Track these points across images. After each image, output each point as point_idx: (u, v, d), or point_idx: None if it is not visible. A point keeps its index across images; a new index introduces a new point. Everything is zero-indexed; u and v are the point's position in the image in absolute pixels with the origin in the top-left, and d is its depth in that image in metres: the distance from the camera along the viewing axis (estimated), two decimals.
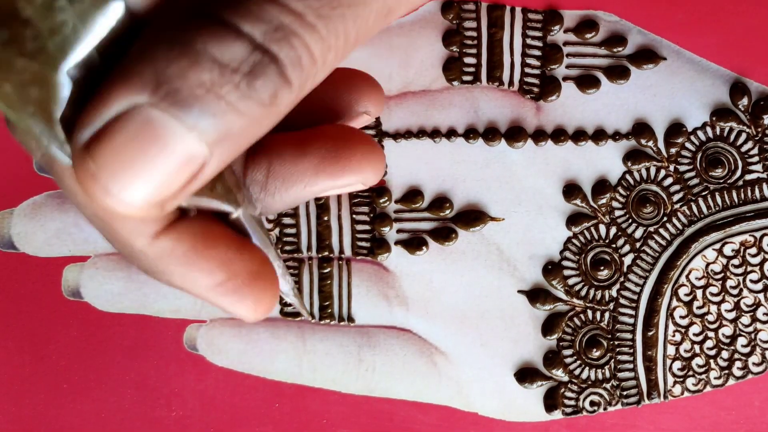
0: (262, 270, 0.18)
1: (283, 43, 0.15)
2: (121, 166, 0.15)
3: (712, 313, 0.30)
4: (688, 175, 0.31)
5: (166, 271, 0.18)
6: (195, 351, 0.31)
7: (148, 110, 0.15)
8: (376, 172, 0.21)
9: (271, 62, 0.15)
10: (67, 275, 0.31)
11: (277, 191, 0.20)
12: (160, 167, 0.15)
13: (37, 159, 0.17)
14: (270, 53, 0.15)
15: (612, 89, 0.31)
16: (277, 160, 0.20)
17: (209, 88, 0.15)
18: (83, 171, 0.15)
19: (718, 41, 0.31)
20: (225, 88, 0.15)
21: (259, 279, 0.18)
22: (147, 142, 0.15)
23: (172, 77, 0.15)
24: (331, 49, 0.16)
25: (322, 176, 0.20)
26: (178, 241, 0.17)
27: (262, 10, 0.15)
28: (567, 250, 0.31)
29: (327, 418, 0.31)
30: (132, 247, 0.17)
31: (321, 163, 0.20)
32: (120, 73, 0.15)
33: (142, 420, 0.31)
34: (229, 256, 0.18)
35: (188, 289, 0.18)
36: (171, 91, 0.15)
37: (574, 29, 0.31)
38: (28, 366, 0.31)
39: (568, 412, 0.30)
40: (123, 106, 0.15)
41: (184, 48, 0.15)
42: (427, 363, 0.31)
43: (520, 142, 0.31)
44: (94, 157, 0.15)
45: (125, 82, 0.15)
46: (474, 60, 0.31)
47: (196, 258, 0.17)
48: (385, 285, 0.31)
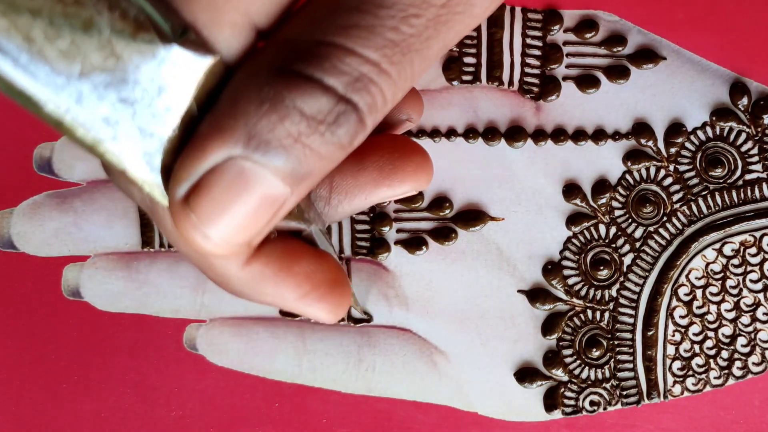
0: (338, 277, 0.20)
1: (363, 92, 0.16)
2: (219, 214, 0.16)
3: (711, 313, 0.30)
4: (687, 175, 0.31)
5: (261, 291, 0.19)
6: (195, 351, 0.31)
7: (241, 162, 0.16)
8: (428, 179, 0.23)
9: (353, 110, 0.16)
10: (67, 275, 0.31)
11: (340, 204, 0.22)
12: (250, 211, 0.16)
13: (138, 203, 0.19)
14: (351, 102, 0.16)
15: (612, 89, 0.31)
16: (338, 176, 0.21)
17: (296, 138, 0.16)
18: (183, 222, 0.16)
19: (718, 41, 0.31)
20: (311, 138, 0.16)
21: (338, 285, 0.20)
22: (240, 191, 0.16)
23: (263, 131, 0.16)
24: (400, 89, 0.17)
25: (381, 187, 0.22)
26: (267, 264, 0.19)
27: (343, 63, 0.16)
28: (567, 250, 0.31)
29: (327, 418, 0.31)
30: (227, 276, 0.19)
31: (380, 174, 0.22)
32: (213, 127, 0.16)
33: (141, 420, 0.31)
34: (311, 268, 0.19)
35: (278, 304, 0.20)
36: (262, 143, 0.16)
37: (573, 29, 0.31)
38: (27, 366, 0.31)
39: (567, 412, 0.30)
40: (218, 159, 0.16)
41: (274, 104, 0.16)
42: (427, 363, 0.31)
43: (520, 142, 0.31)
44: (194, 208, 0.16)
45: (220, 137, 0.16)
46: (474, 60, 0.31)
47: (285, 275, 0.19)
48: (384, 285, 0.31)
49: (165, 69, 0.16)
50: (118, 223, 0.31)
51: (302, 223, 0.20)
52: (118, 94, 0.15)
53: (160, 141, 0.16)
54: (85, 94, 0.15)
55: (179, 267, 0.31)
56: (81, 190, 0.31)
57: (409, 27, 0.17)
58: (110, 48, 0.15)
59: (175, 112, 0.16)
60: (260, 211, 0.17)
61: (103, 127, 0.15)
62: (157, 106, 0.16)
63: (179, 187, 0.16)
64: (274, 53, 0.17)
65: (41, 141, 0.31)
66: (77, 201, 0.31)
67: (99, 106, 0.15)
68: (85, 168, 0.31)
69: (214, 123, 0.16)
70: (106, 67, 0.15)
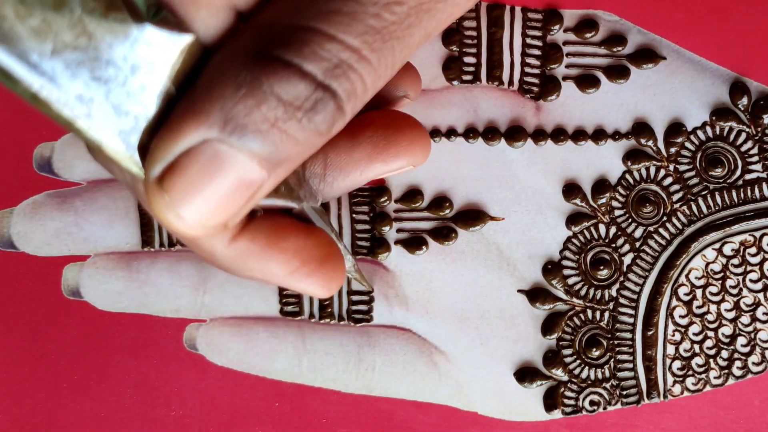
0: (331, 252, 0.20)
1: (342, 78, 0.16)
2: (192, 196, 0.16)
3: (711, 313, 0.30)
4: (687, 175, 0.31)
5: (247, 267, 0.19)
6: (195, 350, 0.31)
7: (216, 145, 0.16)
8: (425, 154, 0.22)
9: (331, 97, 0.16)
10: (67, 275, 0.31)
11: (335, 180, 0.21)
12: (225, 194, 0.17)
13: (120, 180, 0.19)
14: (330, 89, 0.16)
15: (612, 89, 0.31)
16: (332, 153, 0.21)
17: (273, 123, 0.16)
18: (157, 201, 0.17)
19: (718, 41, 0.31)
20: (287, 123, 0.16)
21: (329, 261, 0.20)
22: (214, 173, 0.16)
23: (239, 115, 0.16)
24: (381, 77, 0.17)
25: (376, 162, 0.22)
26: (253, 240, 0.19)
27: (322, 48, 0.16)
28: (567, 250, 0.31)
29: (327, 418, 0.31)
30: (213, 253, 0.19)
31: (374, 150, 0.22)
32: (190, 109, 0.16)
33: (141, 419, 0.31)
34: (300, 244, 0.20)
35: (268, 280, 0.20)
36: (238, 127, 0.16)
37: (573, 29, 0.31)
38: (27, 365, 0.31)
39: (567, 412, 0.30)
40: (194, 140, 0.16)
41: (251, 88, 0.16)
42: (427, 362, 0.31)
43: (520, 142, 0.31)
44: (168, 188, 0.16)
45: (196, 119, 0.16)
46: (474, 59, 0.31)
47: (272, 251, 0.19)
48: (384, 285, 0.31)
49: (138, 48, 0.16)
50: (118, 223, 0.31)
51: (292, 201, 0.20)
52: (91, 72, 0.15)
53: (135, 119, 0.16)
54: (58, 72, 0.15)
55: (179, 267, 0.31)
56: (81, 189, 0.31)
57: (390, 14, 0.17)
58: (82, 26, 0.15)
59: (151, 92, 0.16)
60: (235, 194, 0.17)
61: (78, 105, 0.16)
62: (132, 85, 0.16)
63: (154, 166, 0.16)
64: (254, 37, 0.16)
65: (41, 141, 0.31)
66: (77, 201, 0.31)
67: (72, 84, 0.15)
68: (86, 167, 0.31)
69: (191, 105, 0.16)
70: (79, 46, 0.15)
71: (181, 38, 0.16)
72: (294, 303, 0.31)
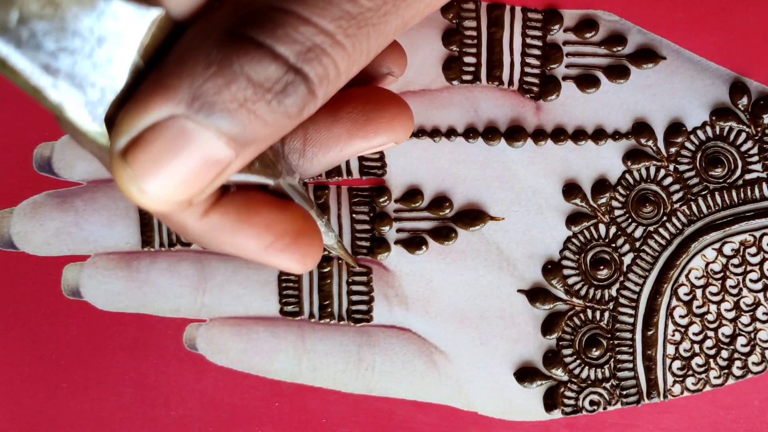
0: (306, 227, 0.20)
1: (314, 62, 0.16)
2: (156, 171, 0.16)
3: (711, 313, 0.30)
4: (687, 175, 0.31)
5: (218, 241, 0.19)
6: (194, 350, 0.31)
7: (183, 121, 0.16)
8: (406, 130, 0.22)
9: (303, 81, 0.16)
10: (67, 274, 0.31)
11: (315, 157, 0.21)
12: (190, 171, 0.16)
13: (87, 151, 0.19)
14: (302, 72, 0.16)
15: (612, 89, 0.31)
16: (312, 128, 0.21)
17: (242, 103, 0.16)
18: (120, 174, 0.16)
19: (718, 41, 0.31)
20: (257, 105, 0.16)
21: (304, 235, 0.20)
22: (179, 149, 0.16)
23: (207, 93, 0.16)
24: (355, 63, 0.17)
25: (356, 139, 0.21)
26: (224, 214, 0.19)
27: (296, 31, 0.16)
28: (567, 250, 0.31)
29: (327, 418, 0.31)
30: (184, 226, 0.19)
31: (354, 126, 0.21)
32: (158, 84, 0.16)
33: (141, 419, 0.31)
34: (272, 219, 0.19)
35: (242, 254, 0.20)
36: (205, 105, 0.16)
37: (573, 29, 0.31)
38: (27, 365, 0.31)
39: (567, 412, 0.30)
40: (160, 115, 0.16)
41: (221, 67, 0.16)
42: (427, 362, 0.31)
43: (520, 142, 0.31)
44: (131, 162, 0.16)
45: (164, 94, 0.16)
46: (474, 59, 0.31)
47: (243, 226, 0.19)
48: (384, 284, 0.31)
49: (105, 20, 0.16)
50: (118, 223, 0.31)
51: (268, 177, 0.20)
52: (58, 43, 0.15)
53: (101, 91, 0.16)
54: (24, 41, 0.15)
55: (179, 266, 0.31)
56: (81, 189, 0.31)
57: (367, 0, 0.17)
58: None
59: (118, 64, 0.16)
60: (200, 172, 0.17)
61: (43, 75, 0.16)
62: (98, 57, 0.16)
63: (119, 139, 0.16)
64: (227, 15, 0.16)
65: (41, 141, 0.31)
66: (78, 200, 0.31)
67: (38, 54, 0.15)
68: (86, 167, 0.31)
69: (159, 79, 0.16)
70: (44, 15, 0.15)
71: (149, 12, 0.16)
72: (294, 303, 0.31)
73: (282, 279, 0.31)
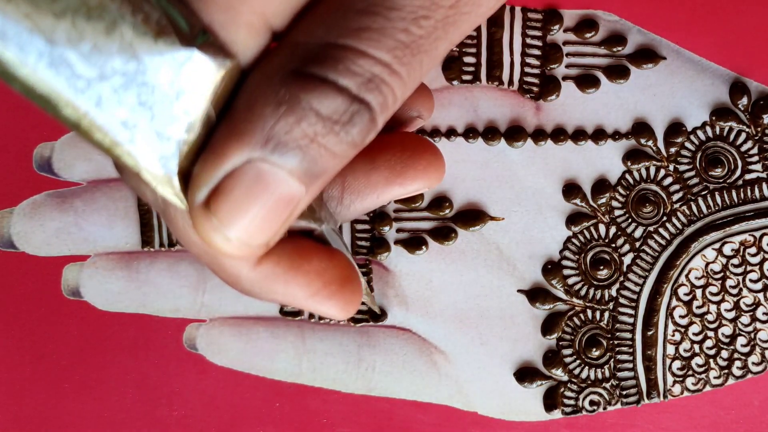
0: (349, 274, 0.20)
1: (375, 92, 0.17)
2: (239, 217, 0.17)
3: (711, 313, 0.30)
4: (687, 175, 0.31)
5: (270, 290, 0.19)
6: (195, 350, 0.31)
7: (259, 164, 0.16)
8: (440, 176, 0.23)
9: (366, 110, 0.17)
10: (67, 274, 0.31)
11: (352, 204, 0.22)
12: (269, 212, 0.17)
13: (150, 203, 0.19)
14: (365, 102, 0.17)
15: (612, 89, 0.31)
16: (350, 176, 0.22)
17: (312, 138, 0.16)
18: (204, 225, 0.17)
19: (718, 41, 0.31)
20: (326, 138, 0.16)
21: (349, 282, 0.20)
22: (259, 192, 0.17)
23: (280, 133, 0.16)
24: (409, 89, 0.18)
25: (393, 186, 0.22)
26: (278, 263, 0.19)
27: (356, 64, 0.16)
28: (566, 250, 0.31)
29: (327, 418, 0.31)
30: (238, 276, 0.19)
31: (392, 173, 0.22)
32: (231, 131, 0.16)
33: (142, 419, 0.31)
34: (321, 266, 0.20)
35: (289, 302, 0.20)
36: (279, 145, 0.16)
37: (573, 29, 0.31)
38: (28, 366, 0.31)
39: (567, 412, 0.30)
40: (237, 162, 0.16)
41: (291, 106, 0.16)
42: (427, 362, 0.31)
43: (520, 142, 0.31)
44: (215, 211, 0.17)
45: (239, 140, 0.16)
46: (473, 59, 0.31)
47: (295, 274, 0.19)
48: (384, 285, 0.31)
49: (184, 73, 0.16)
50: (118, 223, 0.31)
51: (314, 222, 0.20)
52: (138, 97, 0.15)
53: (176, 144, 0.16)
54: (104, 98, 0.15)
55: (179, 266, 0.31)
56: (81, 189, 0.31)
57: (418, 29, 0.17)
58: (131, 51, 0.15)
59: (193, 116, 0.16)
60: (277, 212, 0.17)
61: (121, 130, 0.15)
62: (175, 110, 0.16)
63: (200, 191, 0.17)
64: (288, 55, 0.17)
65: (41, 141, 0.31)
66: (77, 201, 0.31)
67: (118, 109, 0.15)
68: (86, 167, 0.31)
69: (232, 126, 0.16)
70: (127, 71, 0.15)
71: (224, 62, 0.16)
72: None
73: None
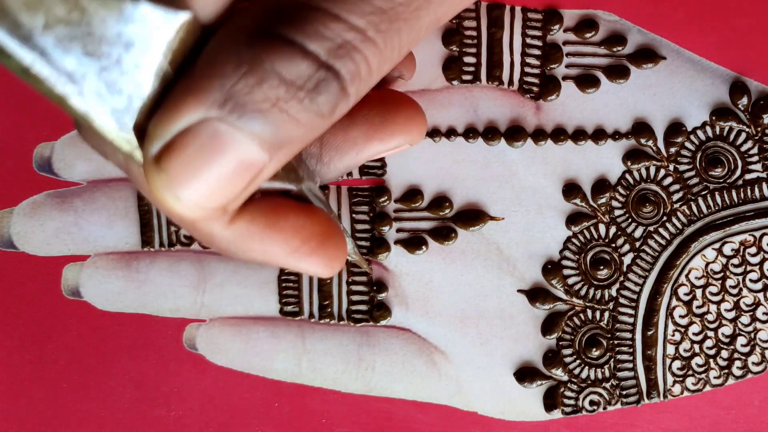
0: (331, 231, 0.20)
1: (345, 59, 0.16)
2: (190, 176, 0.16)
3: (711, 313, 0.30)
4: (687, 175, 0.31)
5: (246, 248, 0.19)
6: (194, 350, 0.31)
7: (216, 124, 0.16)
8: (421, 131, 0.22)
9: (334, 78, 0.16)
10: (67, 274, 0.31)
11: (332, 161, 0.21)
12: (225, 175, 0.16)
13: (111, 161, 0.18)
14: (333, 69, 0.16)
15: (612, 89, 0.31)
16: (328, 132, 0.21)
17: (274, 102, 0.16)
18: (155, 181, 0.16)
19: (718, 41, 0.31)
20: (289, 104, 0.16)
21: (330, 239, 0.20)
22: (214, 153, 0.16)
23: (239, 93, 0.15)
24: (387, 60, 0.17)
25: (372, 141, 0.21)
26: (252, 221, 0.18)
27: (327, 28, 0.16)
28: (567, 250, 0.31)
29: (327, 418, 0.31)
30: (212, 236, 0.18)
31: (370, 128, 0.21)
32: (189, 87, 0.16)
33: (141, 419, 0.31)
34: (299, 223, 0.19)
35: (270, 261, 0.19)
36: (238, 106, 0.15)
37: (573, 29, 0.31)
38: (27, 365, 0.31)
39: (567, 412, 0.30)
40: (192, 119, 0.16)
41: (253, 67, 0.15)
42: (427, 362, 0.31)
43: (520, 142, 0.31)
44: (165, 168, 0.16)
45: (195, 97, 0.16)
46: (474, 59, 0.31)
47: (270, 232, 0.19)
48: (384, 284, 0.31)
49: (133, 25, 0.15)
50: (118, 223, 0.31)
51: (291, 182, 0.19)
52: (84, 48, 0.15)
53: (129, 99, 0.16)
54: (49, 47, 0.15)
55: (179, 266, 0.31)
56: (81, 189, 0.31)
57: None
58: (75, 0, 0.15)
59: (145, 70, 0.16)
60: (235, 177, 0.16)
61: (69, 81, 0.15)
62: (126, 63, 0.16)
63: (152, 145, 0.16)
64: (255, 15, 0.16)
65: (41, 141, 0.31)
66: (77, 200, 0.31)
67: (64, 60, 0.15)
68: (86, 167, 0.31)
69: (190, 83, 0.16)
70: (71, 20, 0.15)
71: (177, 16, 0.16)
72: (294, 303, 0.31)
73: (282, 279, 0.31)
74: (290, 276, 0.31)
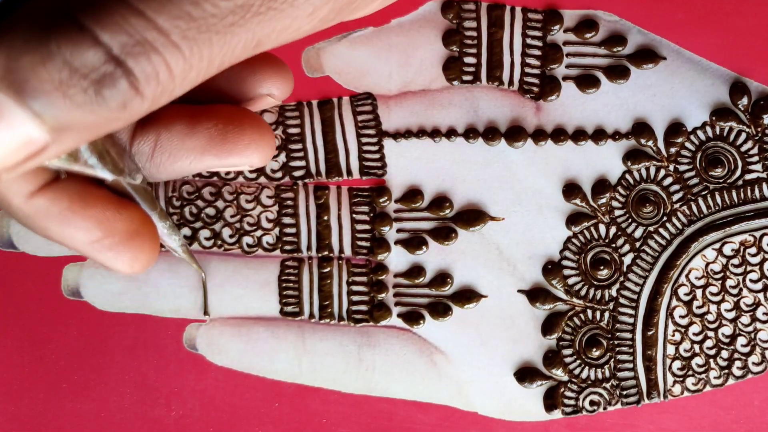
0: (141, 229, 0.20)
1: (141, 57, 0.15)
2: None
3: (711, 313, 0.30)
4: (687, 175, 0.31)
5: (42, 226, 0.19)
6: (195, 350, 0.31)
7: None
8: (262, 157, 0.21)
9: (124, 75, 0.15)
10: (67, 274, 0.31)
11: (162, 164, 0.21)
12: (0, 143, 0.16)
13: None
14: (124, 66, 0.15)
15: (612, 89, 0.31)
16: (165, 135, 0.20)
17: (57, 86, 0.15)
18: None
19: (718, 41, 0.31)
20: (72, 90, 0.15)
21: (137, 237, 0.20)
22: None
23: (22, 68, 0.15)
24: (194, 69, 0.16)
25: (208, 156, 0.21)
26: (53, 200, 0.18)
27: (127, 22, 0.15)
28: (567, 250, 0.31)
29: (327, 418, 0.31)
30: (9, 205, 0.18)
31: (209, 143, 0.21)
32: None
33: (141, 420, 0.31)
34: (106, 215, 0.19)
35: (67, 245, 0.19)
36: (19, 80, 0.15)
37: (573, 29, 0.31)
38: (27, 365, 0.31)
39: (567, 412, 0.30)
40: None
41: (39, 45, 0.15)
42: (427, 362, 0.31)
43: (520, 142, 0.31)
44: None
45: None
46: (474, 59, 0.31)
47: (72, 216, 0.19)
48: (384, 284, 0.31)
49: None
50: None
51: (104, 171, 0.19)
52: None
53: None
54: None
55: (179, 266, 0.31)
56: None
57: (212, 6, 0.16)
58: None
59: None
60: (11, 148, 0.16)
61: None
62: None
63: None
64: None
65: None
66: None
67: None
68: None
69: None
70: None
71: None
72: (294, 303, 0.31)
73: (282, 279, 0.31)
74: (290, 276, 0.31)
